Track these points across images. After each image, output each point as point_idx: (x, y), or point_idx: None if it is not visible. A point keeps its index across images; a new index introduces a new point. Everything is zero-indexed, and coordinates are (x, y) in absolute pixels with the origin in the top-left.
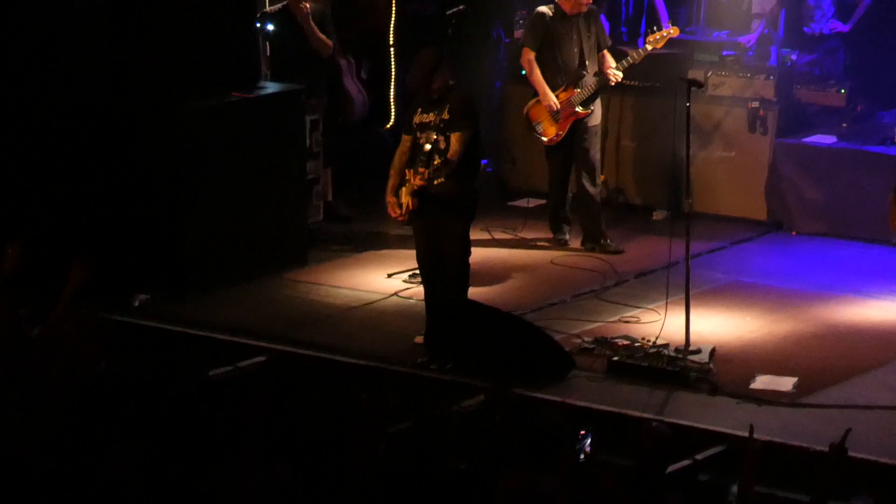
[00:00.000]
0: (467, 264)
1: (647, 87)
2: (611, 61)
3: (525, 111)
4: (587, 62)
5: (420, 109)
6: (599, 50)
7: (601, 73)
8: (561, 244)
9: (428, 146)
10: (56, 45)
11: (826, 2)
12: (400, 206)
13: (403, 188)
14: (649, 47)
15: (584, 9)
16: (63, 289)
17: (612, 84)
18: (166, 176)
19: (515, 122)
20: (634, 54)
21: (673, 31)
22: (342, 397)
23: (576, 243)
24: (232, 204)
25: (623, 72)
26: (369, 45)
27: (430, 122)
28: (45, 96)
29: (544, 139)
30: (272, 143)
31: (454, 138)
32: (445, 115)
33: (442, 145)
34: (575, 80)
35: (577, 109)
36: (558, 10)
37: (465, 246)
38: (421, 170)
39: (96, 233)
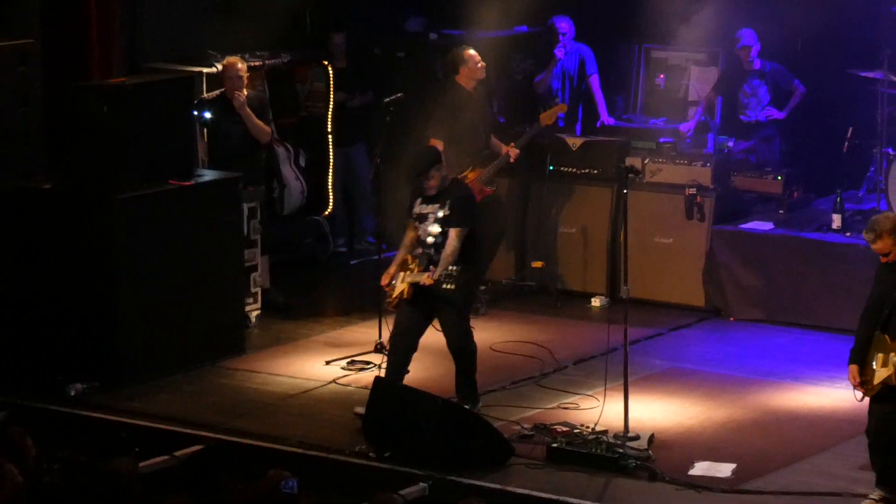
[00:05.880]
0: (474, 347)
1: (585, 174)
2: (497, 140)
3: None
4: (489, 139)
5: (420, 200)
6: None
7: (500, 152)
8: (478, 312)
9: (430, 239)
10: None
11: (762, 90)
12: (392, 289)
13: (403, 273)
14: (542, 123)
15: (482, 74)
16: None
17: (512, 161)
18: (103, 264)
19: None
20: (531, 130)
21: (562, 108)
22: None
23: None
24: (169, 292)
25: (521, 148)
26: (307, 133)
27: (429, 213)
28: None
29: None
30: (209, 231)
31: (453, 233)
32: (446, 210)
33: (444, 238)
34: (481, 161)
35: (484, 188)
36: (461, 91)
37: (469, 333)
38: (432, 268)
39: (31, 322)
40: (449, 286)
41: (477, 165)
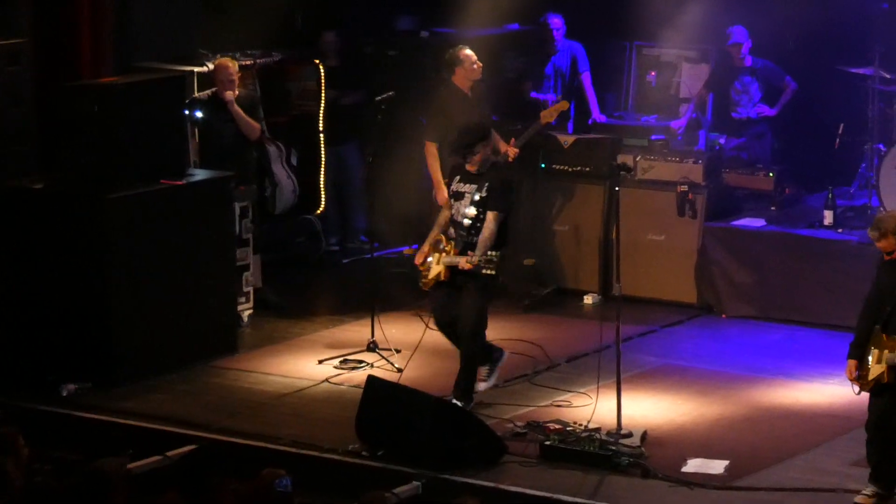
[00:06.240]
0: (482, 338)
1: (577, 172)
2: (498, 137)
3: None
4: None
5: (458, 178)
6: None
7: (500, 150)
8: None
9: (467, 221)
10: None
11: (753, 87)
12: (427, 269)
13: (438, 254)
14: (543, 122)
15: (479, 75)
16: None
17: (511, 160)
18: (94, 264)
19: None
20: (531, 128)
21: (564, 105)
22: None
23: None
24: (161, 292)
25: (520, 148)
26: (299, 131)
27: (466, 192)
28: None
29: None
30: (201, 231)
31: (490, 217)
32: (484, 193)
33: (479, 222)
34: None
35: None
36: (457, 91)
37: (483, 320)
38: (470, 253)
39: (24, 322)
40: (489, 271)
41: None
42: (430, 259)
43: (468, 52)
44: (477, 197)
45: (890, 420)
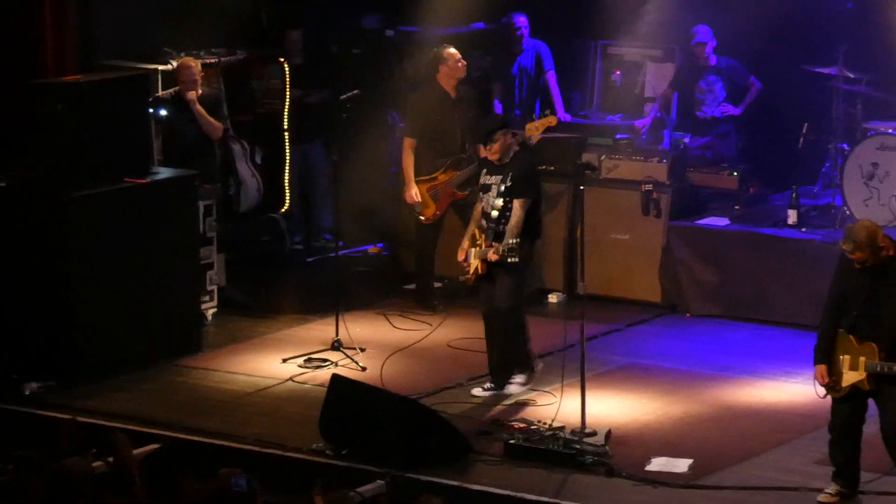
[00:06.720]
0: (520, 313)
1: (542, 171)
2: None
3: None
4: (466, 143)
5: (485, 170)
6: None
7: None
8: (436, 310)
9: (495, 213)
10: None
11: (717, 86)
12: (468, 265)
13: (474, 249)
14: (528, 134)
15: (463, 73)
16: None
17: None
18: (58, 263)
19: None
20: (514, 138)
21: (552, 120)
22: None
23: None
24: (124, 290)
25: None
26: (264, 130)
27: (492, 184)
28: None
29: (422, 218)
30: (165, 229)
31: (517, 204)
32: (509, 182)
33: (507, 212)
34: (456, 163)
35: (456, 192)
36: (439, 90)
37: (518, 298)
38: (495, 245)
39: None
40: (513, 259)
41: (451, 167)
42: (469, 255)
43: (452, 50)
44: (503, 187)
45: (858, 424)
